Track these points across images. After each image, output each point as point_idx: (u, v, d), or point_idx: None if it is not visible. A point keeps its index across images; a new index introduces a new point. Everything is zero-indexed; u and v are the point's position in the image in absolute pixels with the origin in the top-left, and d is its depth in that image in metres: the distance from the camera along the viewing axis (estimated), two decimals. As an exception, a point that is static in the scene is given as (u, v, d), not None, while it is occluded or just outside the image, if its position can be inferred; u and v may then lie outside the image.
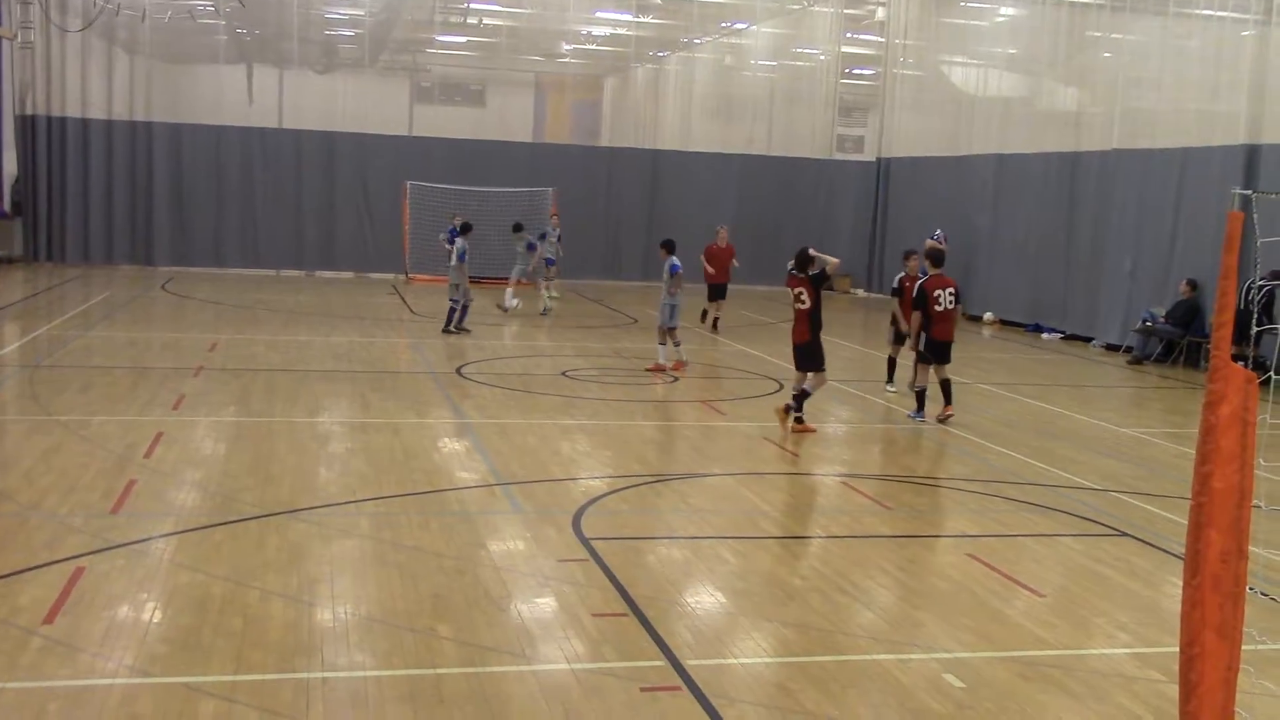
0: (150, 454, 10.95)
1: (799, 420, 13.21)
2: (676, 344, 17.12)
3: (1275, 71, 20.16)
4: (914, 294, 14.39)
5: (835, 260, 13.53)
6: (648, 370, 17.13)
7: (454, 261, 20.10)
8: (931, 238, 26.78)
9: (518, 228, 24.54)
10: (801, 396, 13.30)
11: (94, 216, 29.20)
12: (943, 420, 14.03)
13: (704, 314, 22.88)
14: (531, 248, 24.11)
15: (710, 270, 22.59)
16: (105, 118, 29.25)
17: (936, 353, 14.14)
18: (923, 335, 14.07)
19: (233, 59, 31.02)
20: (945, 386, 14.33)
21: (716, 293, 22.79)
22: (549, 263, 26.00)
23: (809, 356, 13.35)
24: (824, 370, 13.48)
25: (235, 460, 10.90)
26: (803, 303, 13.25)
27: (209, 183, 29.73)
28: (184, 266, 29.43)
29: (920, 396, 14.26)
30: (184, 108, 29.75)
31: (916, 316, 14.14)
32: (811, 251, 13.41)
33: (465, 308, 20.16)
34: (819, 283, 13.26)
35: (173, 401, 13.46)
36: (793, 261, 13.49)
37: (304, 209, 30.22)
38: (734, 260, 23.20)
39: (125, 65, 29.80)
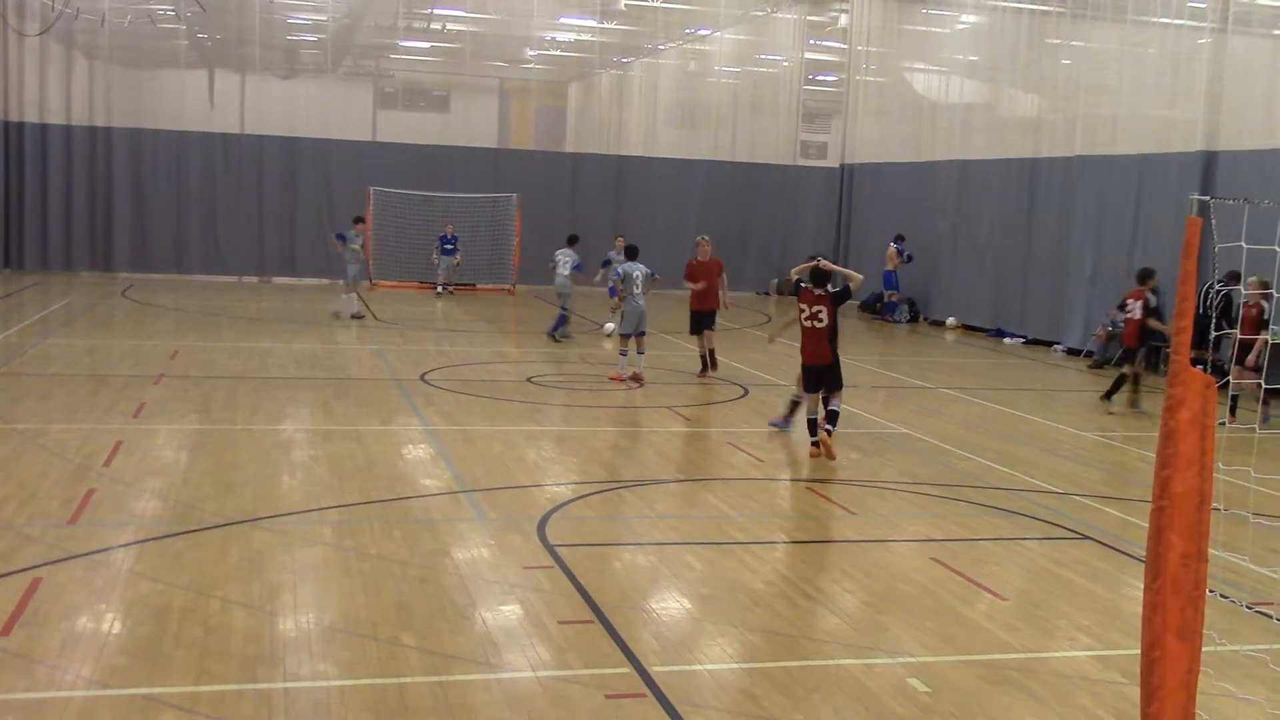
0: (110, 463, 10.83)
1: (820, 438, 12.42)
2: (622, 352, 17.05)
3: (1231, 79, 20.43)
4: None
5: (859, 276, 12.74)
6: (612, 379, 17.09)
7: (567, 272, 21.16)
8: (893, 243, 27.06)
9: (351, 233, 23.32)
10: (834, 417, 12.46)
11: (53, 222, 28.82)
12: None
13: (703, 362, 17.63)
14: (342, 238, 23.25)
15: (696, 289, 17.34)
16: (64, 123, 28.87)
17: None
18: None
19: (194, 64, 30.74)
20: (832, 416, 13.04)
21: (701, 321, 17.39)
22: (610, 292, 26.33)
23: (834, 377, 12.50)
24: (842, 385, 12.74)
25: (196, 469, 10.80)
26: (820, 321, 12.34)
27: (170, 188, 29.41)
28: (144, 273, 29.11)
29: (795, 406, 13.54)
30: (144, 113, 29.42)
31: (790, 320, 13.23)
32: (825, 264, 12.51)
33: (565, 318, 20.72)
34: (840, 300, 12.45)
35: (133, 409, 13.32)
36: (802, 274, 12.58)
37: (266, 215, 29.98)
38: (723, 277, 17.54)
39: (84, 70, 29.45)
